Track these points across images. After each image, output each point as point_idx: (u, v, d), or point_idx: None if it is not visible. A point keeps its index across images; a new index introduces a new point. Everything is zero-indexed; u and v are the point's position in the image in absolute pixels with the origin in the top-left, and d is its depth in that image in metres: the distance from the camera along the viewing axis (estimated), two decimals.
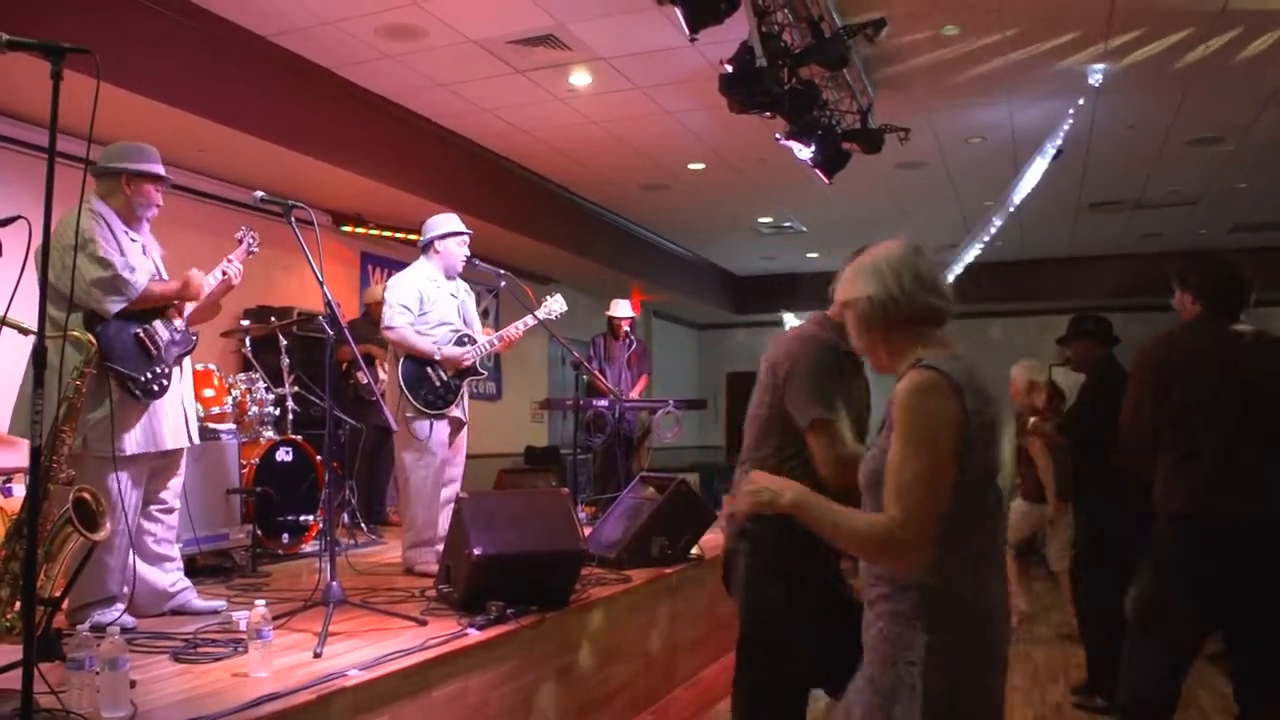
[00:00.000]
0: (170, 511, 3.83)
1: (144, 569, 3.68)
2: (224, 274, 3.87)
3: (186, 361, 3.86)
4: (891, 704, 1.81)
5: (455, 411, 4.84)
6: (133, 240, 3.66)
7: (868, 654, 1.91)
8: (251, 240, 4.02)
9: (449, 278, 4.98)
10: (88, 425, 3.37)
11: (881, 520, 1.79)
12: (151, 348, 3.60)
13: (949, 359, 1.87)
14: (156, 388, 3.57)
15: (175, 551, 3.87)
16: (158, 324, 3.66)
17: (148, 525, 3.74)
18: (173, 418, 3.69)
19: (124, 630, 2.84)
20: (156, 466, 3.72)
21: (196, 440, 3.88)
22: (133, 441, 3.53)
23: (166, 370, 3.63)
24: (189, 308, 3.84)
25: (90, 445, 3.41)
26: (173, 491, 3.83)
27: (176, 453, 3.79)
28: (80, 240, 3.35)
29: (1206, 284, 3.21)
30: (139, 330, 3.59)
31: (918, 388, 1.82)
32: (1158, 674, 3.10)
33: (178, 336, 3.73)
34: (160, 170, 3.72)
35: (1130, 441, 3.16)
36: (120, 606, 3.49)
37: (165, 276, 3.80)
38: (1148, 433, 3.10)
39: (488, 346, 4.95)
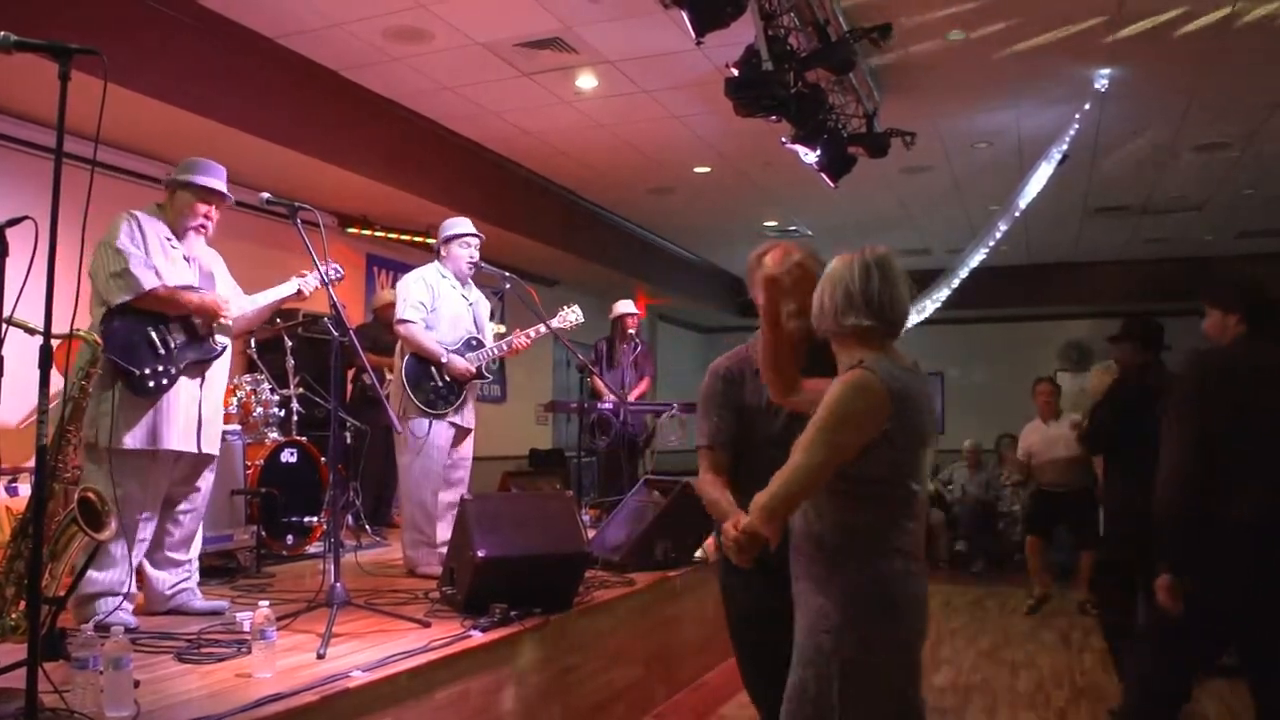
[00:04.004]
0: (187, 514, 3.81)
1: (148, 568, 3.70)
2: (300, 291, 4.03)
3: (218, 372, 3.86)
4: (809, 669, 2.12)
5: (456, 417, 4.83)
6: (174, 247, 3.73)
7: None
8: (334, 272, 4.06)
9: (461, 281, 4.99)
10: (99, 416, 3.46)
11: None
12: (160, 347, 3.61)
13: (886, 363, 2.13)
14: (153, 384, 3.56)
15: (186, 557, 3.85)
16: (174, 327, 3.68)
17: (168, 526, 3.76)
18: (183, 420, 3.68)
19: (128, 630, 2.84)
20: (178, 472, 3.74)
21: (206, 449, 3.80)
22: (133, 437, 3.55)
23: (172, 371, 3.63)
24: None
25: (99, 437, 3.47)
26: (191, 503, 3.82)
27: (196, 460, 3.79)
28: (107, 237, 3.57)
29: (1254, 304, 3.28)
30: (151, 328, 3.60)
31: (849, 385, 2.09)
32: (1175, 677, 3.14)
33: (197, 343, 3.74)
34: (207, 182, 3.78)
35: (1191, 465, 3.13)
36: (128, 605, 3.51)
37: (214, 287, 3.84)
38: (1205, 452, 3.10)
39: (495, 351, 4.95)
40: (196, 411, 3.74)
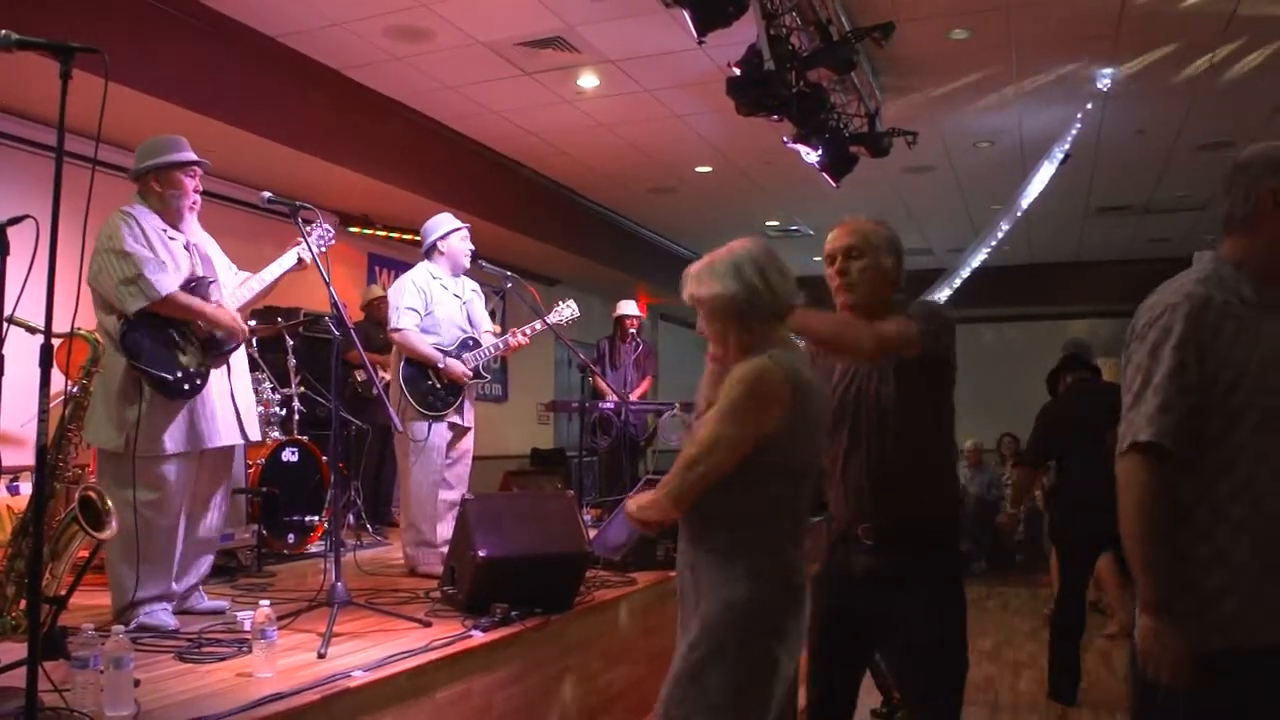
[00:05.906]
0: (212, 512, 3.78)
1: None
2: (300, 260, 3.89)
3: (240, 358, 3.83)
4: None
5: (455, 416, 4.83)
6: (171, 238, 3.64)
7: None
8: (326, 232, 4.02)
9: (454, 276, 4.98)
10: (128, 424, 3.39)
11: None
12: (188, 346, 3.57)
13: (791, 355, 2.25)
14: (188, 387, 3.51)
15: (208, 558, 3.85)
16: (192, 323, 3.63)
17: (198, 527, 3.73)
18: (221, 414, 3.64)
19: (128, 630, 2.84)
20: (210, 469, 3.72)
21: (254, 436, 3.82)
22: (172, 440, 3.49)
23: (204, 370, 3.59)
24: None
25: (131, 444, 3.39)
26: (218, 499, 3.79)
27: (222, 456, 3.77)
28: (109, 242, 3.44)
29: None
30: (173, 330, 3.54)
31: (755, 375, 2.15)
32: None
33: (219, 335, 3.67)
34: (186, 156, 3.68)
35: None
36: (169, 607, 3.52)
37: (215, 270, 3.77)
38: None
39: (492, 351, 4.95)
40: (231, 402, 3.71)
